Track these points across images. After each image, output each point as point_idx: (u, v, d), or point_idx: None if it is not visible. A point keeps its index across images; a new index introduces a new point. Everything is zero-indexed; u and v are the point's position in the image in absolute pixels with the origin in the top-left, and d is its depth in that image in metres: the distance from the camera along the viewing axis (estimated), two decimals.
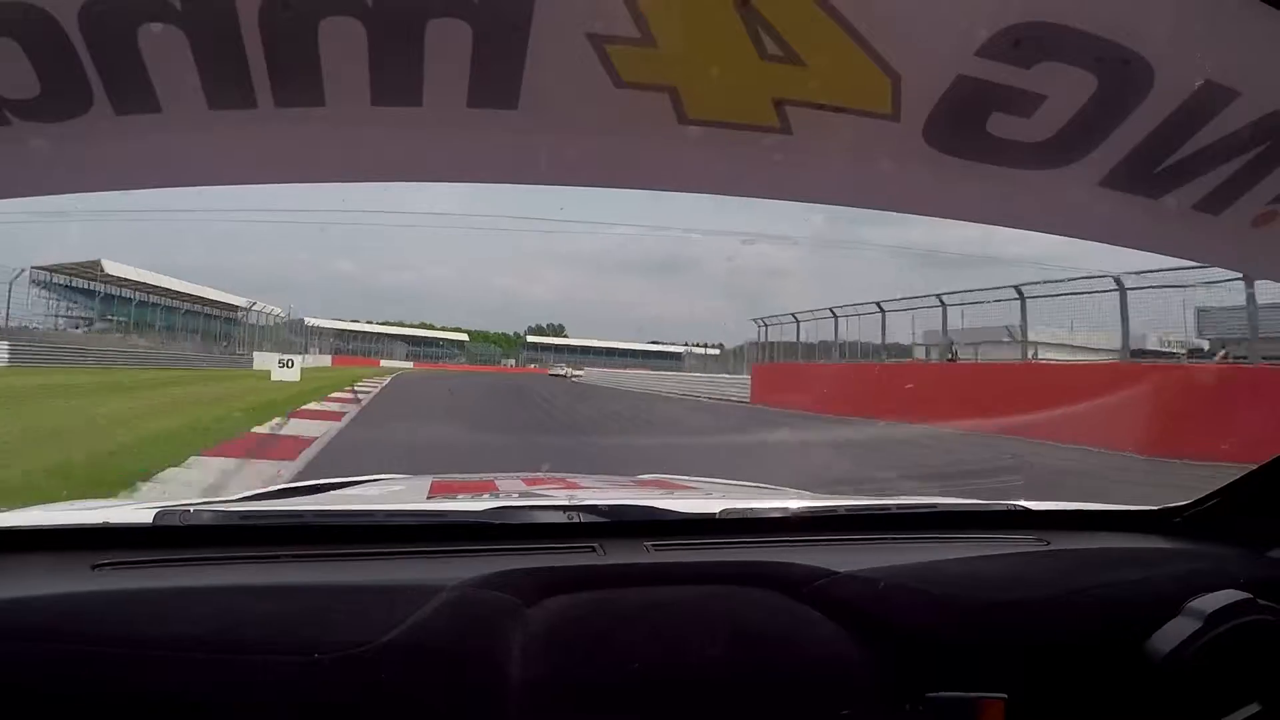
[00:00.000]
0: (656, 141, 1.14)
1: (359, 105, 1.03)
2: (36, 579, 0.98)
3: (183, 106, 1.00)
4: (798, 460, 10.03)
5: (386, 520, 1.27)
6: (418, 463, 6.13)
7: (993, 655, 1.11)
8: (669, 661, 1.03)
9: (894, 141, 1.13)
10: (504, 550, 1.17)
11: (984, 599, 1.18)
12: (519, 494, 1.80)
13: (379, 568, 1.11)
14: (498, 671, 0.95)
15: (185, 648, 0.89)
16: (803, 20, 0.96)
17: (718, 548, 1.27)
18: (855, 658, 1.08)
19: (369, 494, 2.05)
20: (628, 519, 1.31)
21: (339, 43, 0.95)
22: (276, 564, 1.10)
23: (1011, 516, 1.49)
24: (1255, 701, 1.13)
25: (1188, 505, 1.53)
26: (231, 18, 0.91)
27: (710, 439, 12.59)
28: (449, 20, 0.94)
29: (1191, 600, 1.16)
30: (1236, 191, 1.17)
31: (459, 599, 1.01)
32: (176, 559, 1.07)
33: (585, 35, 0.96)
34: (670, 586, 1.12)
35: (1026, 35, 0.97)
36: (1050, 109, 1.07)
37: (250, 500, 1.67)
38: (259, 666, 0.89)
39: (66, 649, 0.86)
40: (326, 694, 0.89)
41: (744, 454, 10.41)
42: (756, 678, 1.04)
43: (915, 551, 1.31)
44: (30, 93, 0.95)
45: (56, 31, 0.89)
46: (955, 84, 1.03)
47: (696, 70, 1.03)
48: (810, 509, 1.48)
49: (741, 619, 1.09)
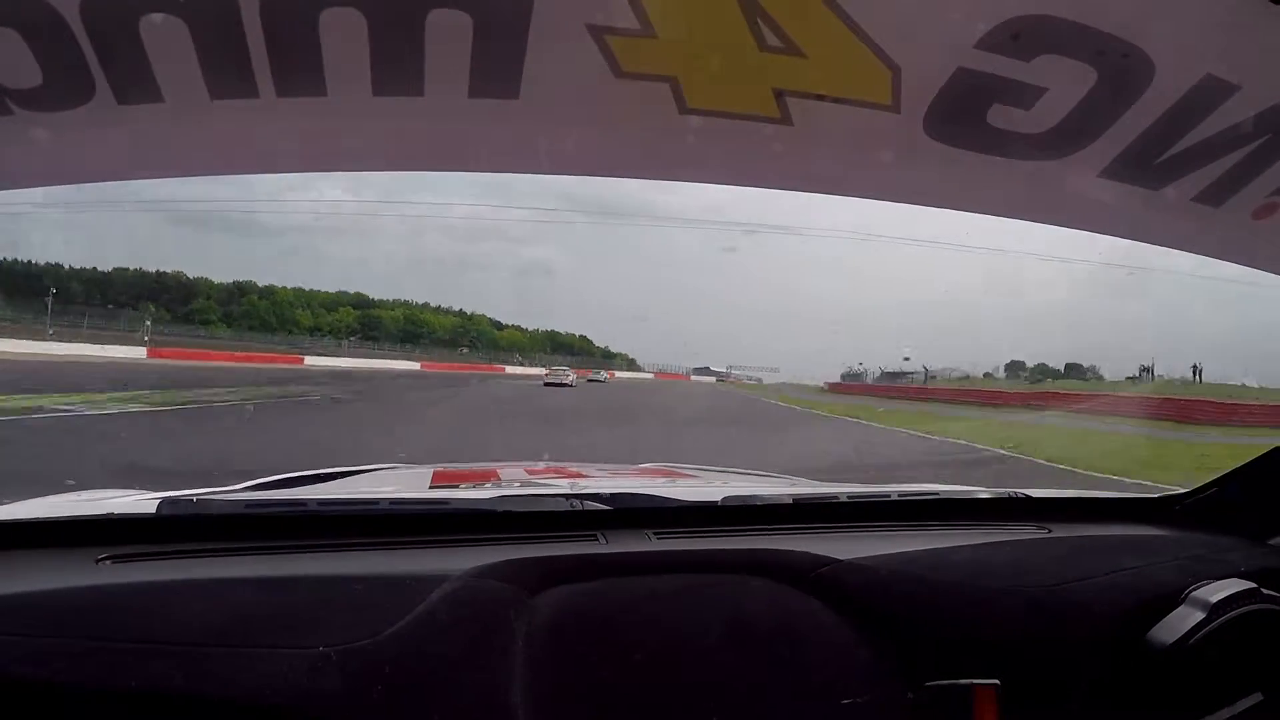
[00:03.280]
0: (657, 131, 1.14)
1: (360, 95, 1.03)
2: (41, 573, 0.98)
3: (184, 96, 1.00)
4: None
5: (390, 510, 1.27)
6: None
7: (993, 642, 1.12)
8: (671, 649, 1.03)
9: (894, 132, 1.13)
10: (507, 539, 1.18)
11: (985, 586, 1.18)
12: (521, 483, 1.81)
13: (383, 558, 1.12)
14: (502, 661, 0.96)
15: (190, 641, 0.89)
16: (803, 12, 0.96)
17: (719, 535, 1.27)
18: (856, 645, 1.09)
19: (372, 483, 2.05)
20: (630, 506, 1.31)
21: (340, 33, 0.95)
22: (281, 555, 1.10)
23: (1013, 504, 1.50)
24: (1258, 691, 1.14)
25: (1187, 494, 1.54)
26: (233, 8, 0.91)
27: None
28: (450, 11, 0.94)
29: (1194, 589, 1.16)
30: (1237, 184, 1.17)
31: (463, 589, 1.01)
32: (181, 551, 1.08)
33: (586, 26, 0.96)
34: (672, 575, 1.13)
35: (1026, 28, 0.97)
36: (1050, 101, 1.07)
37: (253, 490, 1.68)
38: (265, 659, 0.89)
39: (72, 643, 0.86)
40: (333, 685, 0.88)
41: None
42: (758, 666, 1.05)
43: (916, 539, 1.32)
44: (32, 82, 0.96)
45: (58, 21, 0.89)
46: (955, 76, 1.03)
47: (697, 61, 1.03)
48: (812, 496, 1.49)
49: (743, 607, 1.10)
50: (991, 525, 1.43)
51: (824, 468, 8.74)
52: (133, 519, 1.13)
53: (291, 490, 1.74)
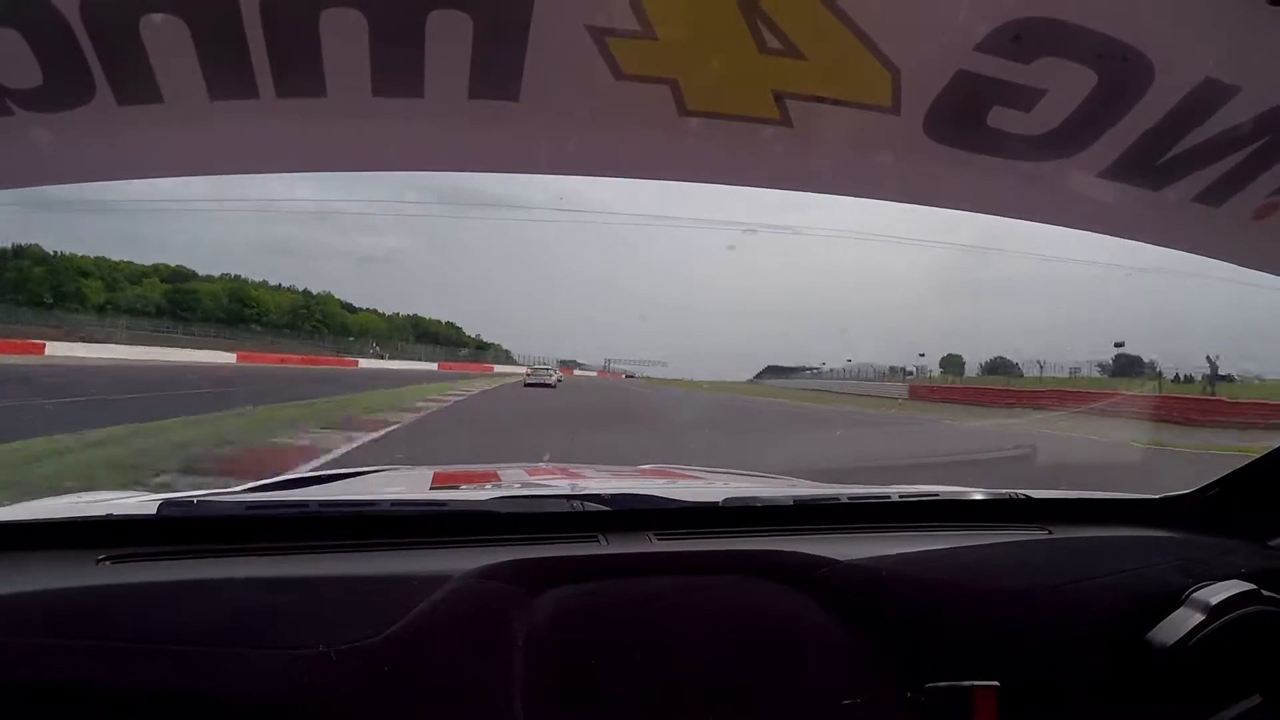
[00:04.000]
0: (657, 133, 1.14)
1: (360, 96, 1.03)
2: (42, 574, 0.98)
3: (184, 97, 1.00)
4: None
5: (391, 511, 1.27)
6: None
7: (994, 644, 1.12)
8: (672, 651, 1.04)
9: (894, 134, 1.13)
10: (508, 541, 1.18)
11: (985, 588, 1.19)
12: (521, 484, 1.81)
13: (383, 559, 1.12)
14: (502, 662, 0.96)
15: (191, 641, 0.89)
16: (802, 14, 0.96)
17: (719, 537, 1.27)
18: (857, 647, 1.09)
19: (372, 484, 2.05)
20: (630, 507, 1.31)
21: (340, 33, 0.95)
22: (281, 556, 1.10)
23: (1013, 505, 1.50)
24: (1258, 692, 1.14)
25: (1188, 495, 1.54)
26: (233, 8, 0.91)
27: None
28: (450, 12, 0.94)
29: (1195, 590, 1.17)
30: (1237, 184, 1.17)
31: (463, 590, 1.01)
32: (181, 552, 1.08)
33: (586, 28, 0.96)
34: (672, 576, 1.13)
35: (1026, 30, 0.97)
36: (1050, 103, 1.07)
37: (254, 491, 1.68)
38: (265, 659, 0.89)
39: (72, 644, 0.87)
40: (333, 685, 0.89)
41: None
42: (759, 667, 1.05)
43: (917, 540, 1.32)
44: (32, 82, 0.96)
45: (59, 21, 0.89)
46: (955, 78, 1.03)
47: (696, 63, 1.03)
48: (813, 497, 1.49)
49: (744, 609, 1.10)
50: (992, 526, 1.44)
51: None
52: (133, 520, 1.14)
53: (292, 491, 1.75)
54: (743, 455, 8.38)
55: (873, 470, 7.19)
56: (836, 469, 7.47)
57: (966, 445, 11.81)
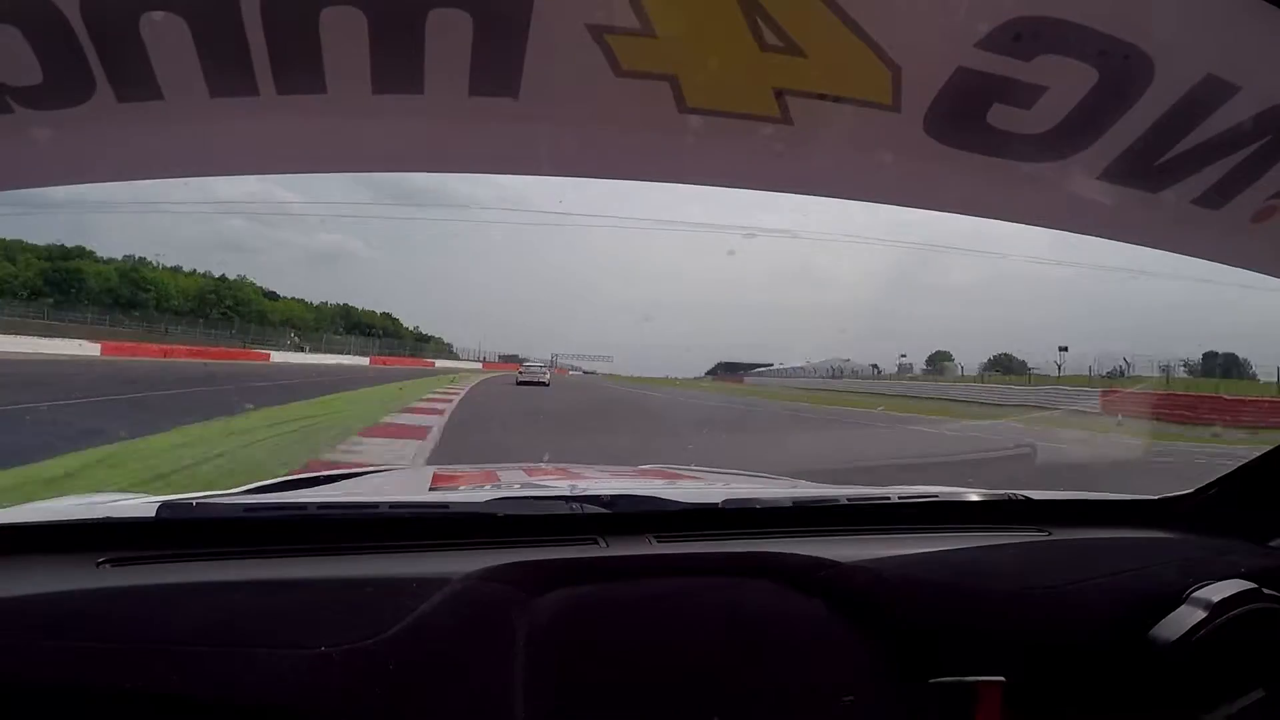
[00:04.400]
0: (657, 131, 1.14)
1: (360, 93, 1.03)
2: (41, 576, 0.98)
3: (184, 94, 1.00)
4: None
5: (390, 513, 1.27)
6: None
7: (994, 645, 1.12)
8: (672, 653, 1.03)
9: (894, 133, 1.13)
10: (507, 543, 1.18)
11: (985, 589, 1.18)
12: (520, 485, 1.80)
13: (382, 562, 1.12)
14: (502, 665, 0.96)
15: (191, 643, 0.89)
16: (803, 11, 0.96)
17: (719, 538, 1.27)
18: (857, 648, 1.09)
19: (371, 486, 2.05)
20: (629, 509, 1.31)
21: (341, 31, 0.95)
22: (281, 559, 1.10)
23: (1013, 506, 1.50)
24: (1259, 689, 1.14)
25: (1187, 496, 1.54)
26: (233, 5, 0.91)
27: None
28: (450, 9, 0.94)
29: (1195, 589, 1.17)
30: (1237, 186, 1.17)
31: (462, 592, 1.01)
32: (181, 554, 1.07)
33: (585, 25, 0.97)
34: (672, 578, 1.13)
35: (1027, 28, 0.97)
36: (1050, 101, 1.07)
37: (253, 493, 1.68)
38: (265, 662, 0.89)
39: (71, 646, 0.86)
40: (333, 685, 0.88)
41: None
42: (760, 669, 1.04)
43: (917, 542, 1.31)
44: (32, 80, 0.96)
45: (59, 19, 0.89)
46: (956, 76, 1.03)
47: (696, 60, 1.03)
48: (812, 498, 1.49)
49: (745, 611, 1.10)
50: (991, 528, 1.43)
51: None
52: (133, 522, 1.13)
53: (291, 494, 1.75)
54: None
55: None
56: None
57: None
